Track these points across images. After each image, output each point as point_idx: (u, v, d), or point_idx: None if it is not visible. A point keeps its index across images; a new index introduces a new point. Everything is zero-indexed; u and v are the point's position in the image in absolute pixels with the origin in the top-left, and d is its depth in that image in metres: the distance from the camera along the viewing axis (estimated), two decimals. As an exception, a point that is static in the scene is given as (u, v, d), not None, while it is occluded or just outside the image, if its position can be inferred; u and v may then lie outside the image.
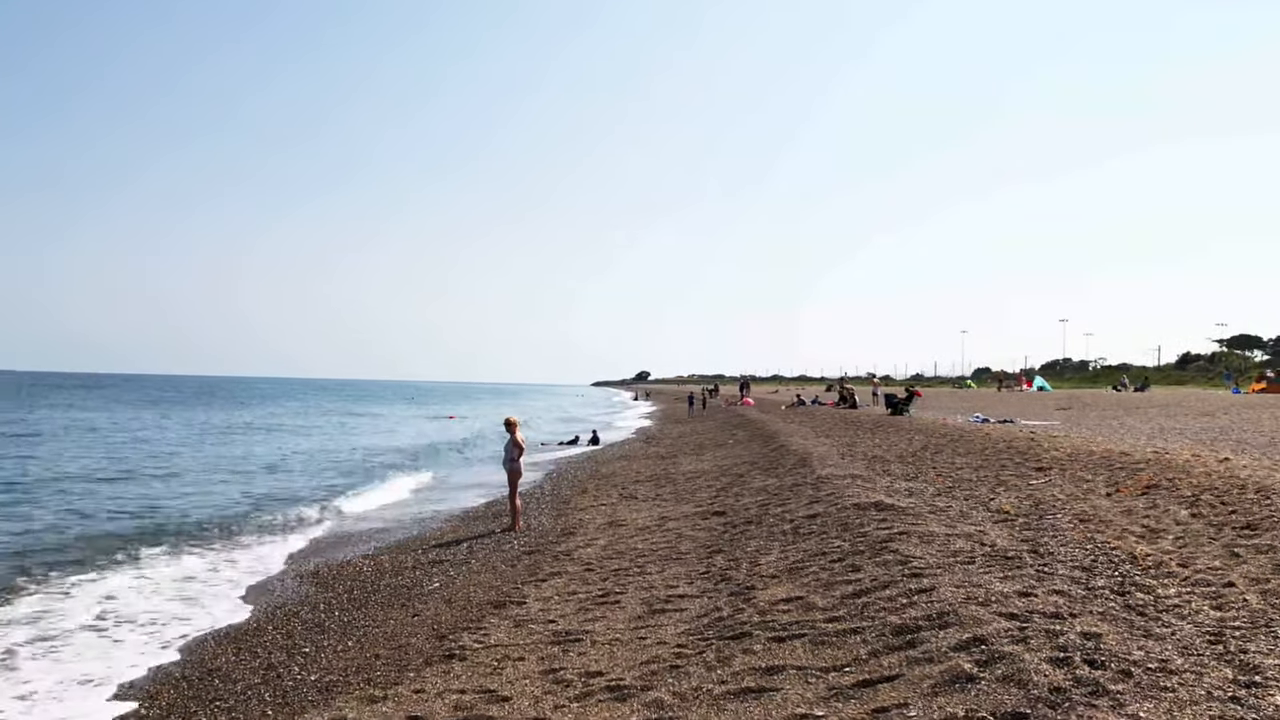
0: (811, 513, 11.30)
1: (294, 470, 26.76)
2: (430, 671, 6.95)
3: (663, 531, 12.54)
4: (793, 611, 6.93)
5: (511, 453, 15.10)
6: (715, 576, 8.99)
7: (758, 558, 9.41)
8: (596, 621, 7.87)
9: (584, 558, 11.28)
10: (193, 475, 24.51)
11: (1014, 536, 8.54)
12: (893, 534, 8.85)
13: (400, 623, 8.86)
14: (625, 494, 18.12)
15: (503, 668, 6.81)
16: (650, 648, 6.79)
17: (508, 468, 15.06)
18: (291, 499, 20.06)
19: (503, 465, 15.26)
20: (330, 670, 7.46)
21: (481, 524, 15.75)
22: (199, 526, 15.94)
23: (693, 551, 10.63)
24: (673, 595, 8.45)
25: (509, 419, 15.76)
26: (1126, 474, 11.79)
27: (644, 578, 9.50)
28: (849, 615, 6.49)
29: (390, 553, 13.28)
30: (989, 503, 11.04)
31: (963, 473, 14.33)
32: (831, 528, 10.01)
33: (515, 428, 15.43)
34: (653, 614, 7.87)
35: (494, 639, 7.73)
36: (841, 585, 7.36)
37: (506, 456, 15.14)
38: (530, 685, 6.28)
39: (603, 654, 6.84)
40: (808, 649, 5.96)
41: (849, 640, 5.94)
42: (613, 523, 14.19)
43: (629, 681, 6.00)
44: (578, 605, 8.62)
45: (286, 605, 10.12)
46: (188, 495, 20.26)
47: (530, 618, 8.37)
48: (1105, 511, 9.55)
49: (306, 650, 8.15)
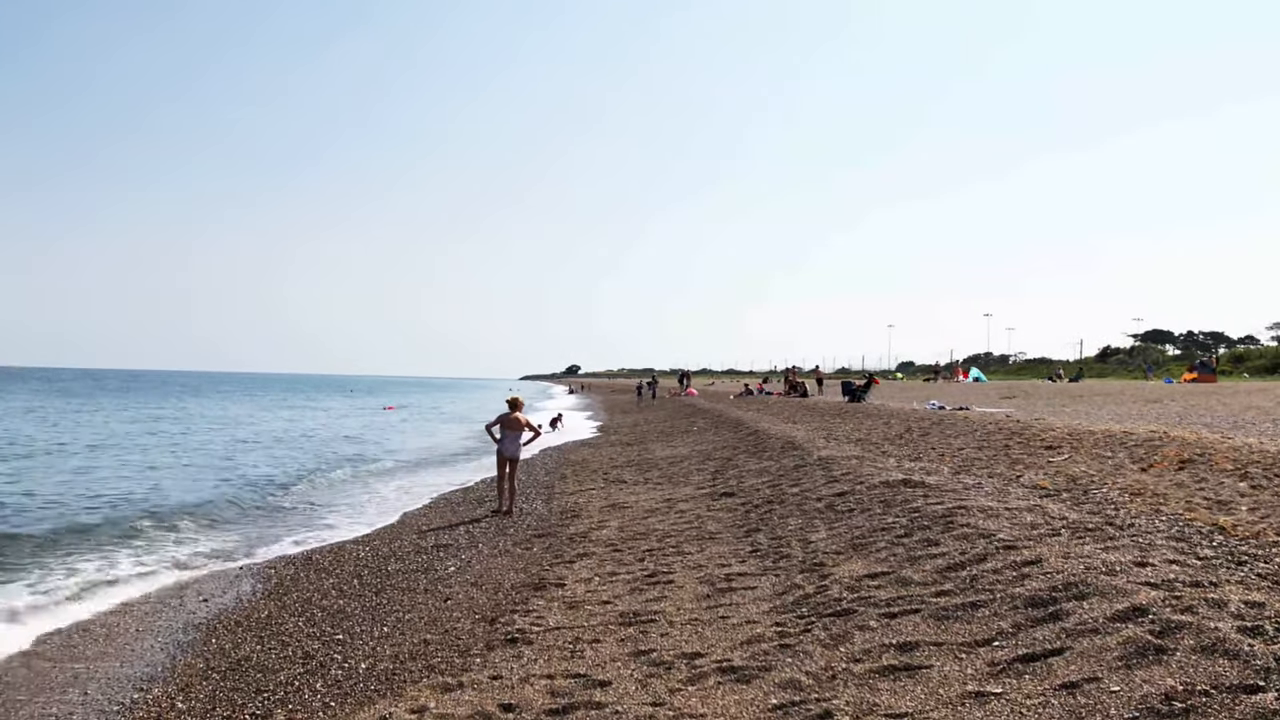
0: (838, 491, 10.94)
1: (254, 459, 25.62)
2: (497, 657, 6.38)
3: (675, 513, 12.07)
4: (887, 587, 6.53)
5: (519, 437, 14.27)
6: (768, 554, 8.55)
7: (805, 535, 9.01)
8: (659, 602, 7.36)
9: (603, 539, 10.74)
10: (152, 466, 23.27)
11: (1078, 510, 8.27)
12: (949, 509, 8.52)
13: (434, 607, 8.23)
14: (610, 479, 17.60)
15: (580, 651, 6.27)
16: (741, 627, 6.32)
17: (510, 452, 14.20)
18: (258, 486, 19.09)
19: (501, 449, 14.24)
20: (378, 657, 6.81)
21: (465, 509, 15.06)
22: (170, 515, 14.97)
23: (725, 531, 10.18)
24: (731, 574, 7.99)
25: (514, 399, 14.84)
26: (1146, 451, 11.68)
27: (685, 557, 9.02)
28: (958, 589, 6.10)
29: (382, 538, 12.56)
30: (1016, 479, 10.81)
31: (965, 452, 14.13)
32: (872, 505, 9.65)
33: (520, 408, 14.65)
34: (720, 593, 7.40)
35: (552, 621, 7.17)
36: (926, 560, 6.99)
37: (509, 439, 14.24)
38: (624, 668, 5.76)
39: (689, 634, 6.34)
40: (932, 624, 5.55)
41: (976, 614, 5.55)
42: (614, 505, 13.66)
43: (740, 662, 5.52)
44: (627, 586, 8.10)
45: (295, 592, 9.39)
46: (151, 484, 19.15)
47: (579, 599, 7.82)
48: (1152, 486, 9.36)
49: (340, 638, 7.48)
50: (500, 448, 14.27)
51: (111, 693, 6.56)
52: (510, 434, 14.32)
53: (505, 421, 14.40)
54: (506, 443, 14.26)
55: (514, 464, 14.25)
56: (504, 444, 14.27)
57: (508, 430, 14.35)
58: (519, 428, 14.37)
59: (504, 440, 14.30)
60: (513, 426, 14.36)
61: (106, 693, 6.57)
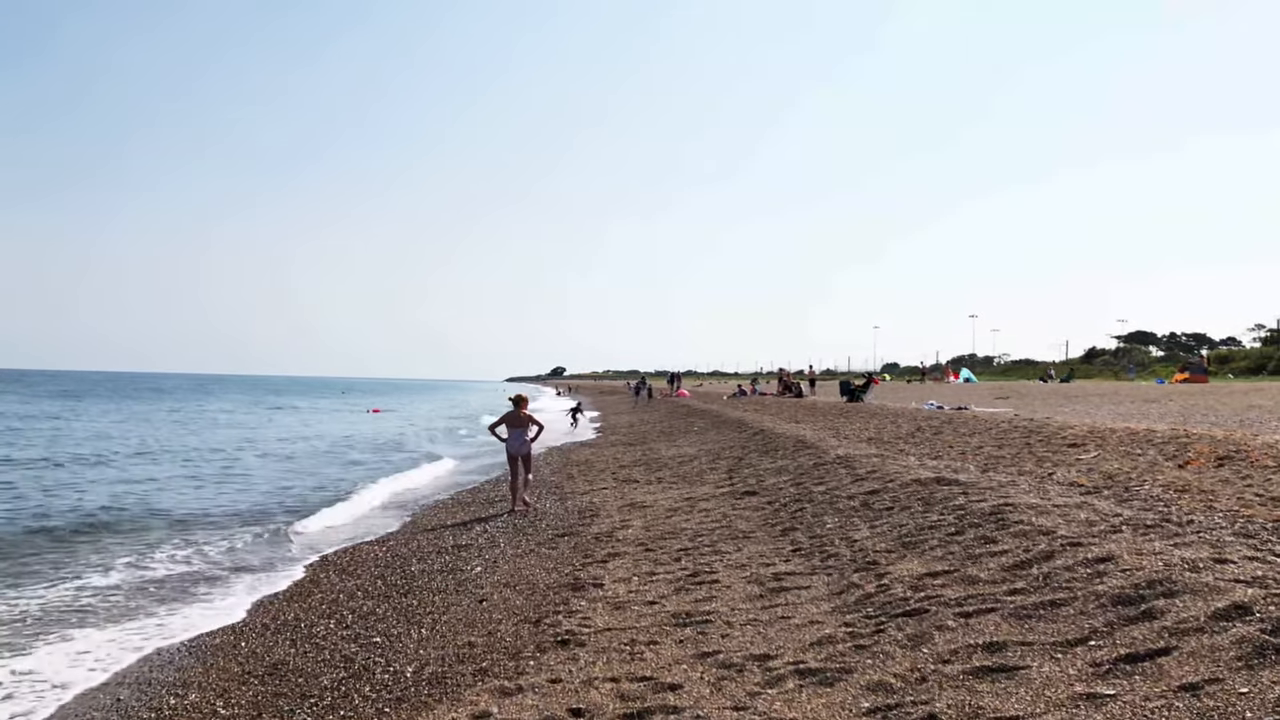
0: (868, 490, 10.74)
1: (250, 464, 25.26)
2: (551, 659, 6.13)
3: (699, 512, 11.85)
4: (954, 586, 6.32)
5: (524, 434, 14.19)
6: (812, 553, 8.34)
7: (847, 534, 8.80)
8: (709, 602, 7.13)
9: (631, 539, 10.51)
10: (139, 468, 22.90)
11: (1128, 507, 8.09)
12: (995, 506, 8.32)
13: (469, 608, 7.96)
14: (621, 479, 17.37)
15: (639, 652, 6.03)
16: (805, 628, 6.10)
17: (516, 449, 14.07)
18: (261, 490, 18.76)
19: (509, 448, 14.15)
20: (423, 660, 6.55)
21: (475, 509, 14.79)
22: (178, 520, 14.65)
23: (759, 530, 9.96)
24: (778, 573, 7.77)
25: (519, 396, 14.93)
26: (1176, 449, 11.54)
27: (723, 557, 8.79)
28: (1031, 587, 5.89)
29: (398, 540, 12.27)
30: (1049, 477, 10.65)
31: (986, 450, 13.98)
32: (910, 502, 9.45)
33: (525, 405, 14.67)
34: (772, 593, 7.18)
35: (599, 622, 6.93)
36: (988, 558, 6.78)
37: (516, 439, 14.14)
38: (691, 670, 5.53)
39: (751, 635, 6.11)
40: (1014, 624, 5.34)
41: (1059, 613, 5.33)
42: (632, 505, 13.43)
43: (815, 664, 5.29)
44: (671, 586, 7.87)
45: (318, 593, 9.10)
46: (144, 490, 18.81)
47: (623, 599, 7.58)
48: (1196, 483, 9.20)
49: (377, 641, 7.20)
50: (507, 446, 14.23)
51: (145, 697, 6.28)
52: (515, 431, 14.24)
53: (510, 419, 14.35)
54: (513, 440, 14.19)
55: (525, 461, 14.20)
56: (510, 442, 14.21)
57: (513, 428, 14.28)
58: (523, 424, 14.30)
59: (510, 438, 14.23)
60: (517, 424, 14.29)
61: (140, 697, 6.29)
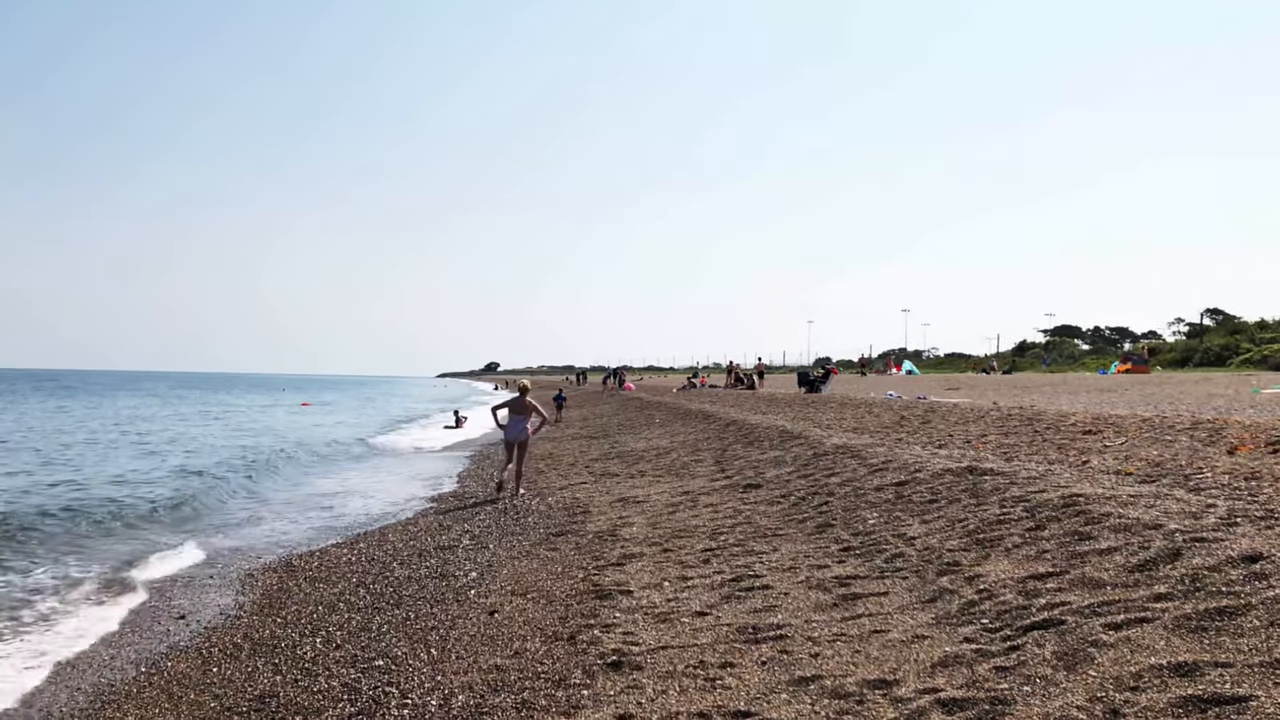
0: (894, 481, 9.86)
1: (199, 456, 23.60)
2: (609, 687, 5.07)
3: (704, 508, 10.86)
4: (1074, 591, 5.40)
5: (525, 422, 14.16)
6: (866, 553, 7.39)
7: (898, 530, 7.88)
8: (772, 613, 6.14)
9: (640, 538, 9.47)
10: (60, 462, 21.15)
11: (1213, 496, 7.30)
12: (1065, 497, 7.46)
13: (480, 622, 6.84)
14: (596, 472, 16.32)
15: (717, 677, 5.00)
16: (913, 645, 5.14)
17: (519, 437, 14.13)
18: (206, 484, 17.28)
19: (508, 435, 14.21)
20: (447, 690, 5.42)
21: (443, 505, 13.63)
22: (96, 518, 13.20)
23: (786, 527, 9.01)
24: (839, 577, 6.81)
25: (523, 384, 14.94)
26: (1207, 434, 10.89)
27: (760, 558, 7.82)
28: (1181, 593, 4.98)
29: (369, 541, 11.05)
30: (1085, 464, 9.91)
31: (992, 438, 13.25)
32: (956, 494, 8.58)
33: (528, 393, 14.59)
34: (845, 601, 6.21)
35: (649, 638, 5.89)
36: (1097, 557, 5.89)
37: (516, 426, 14.11)
38: (796, 703, 4.52)
39: (847, 654, 5.13)
40: (1190, 639, 4.40)
41: (1240, 624, 4.42)
42: (623, 500, 12.38)
43: (958, 693, 4.32)
44: (714, 593, 6.86)
45: (293, 605, 7.88)
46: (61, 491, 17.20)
47: (665, 610, 6.55)
48: (1256, 470, 8.48)
49: (380, 664, 6.05)
50: (506, 433, 14.25)
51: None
52: (517, 419, 14.25)
53: (513, 406, 14.35)
54: (513, 427, 14.21)
55: (522, 448, 14.24)
56: (510, 429, 14.22)
57: (515, 415, 14.26)
58: (525, 413, 14.31)
59: (510, 425, 14.24)
60: (519, 411, 14.31)
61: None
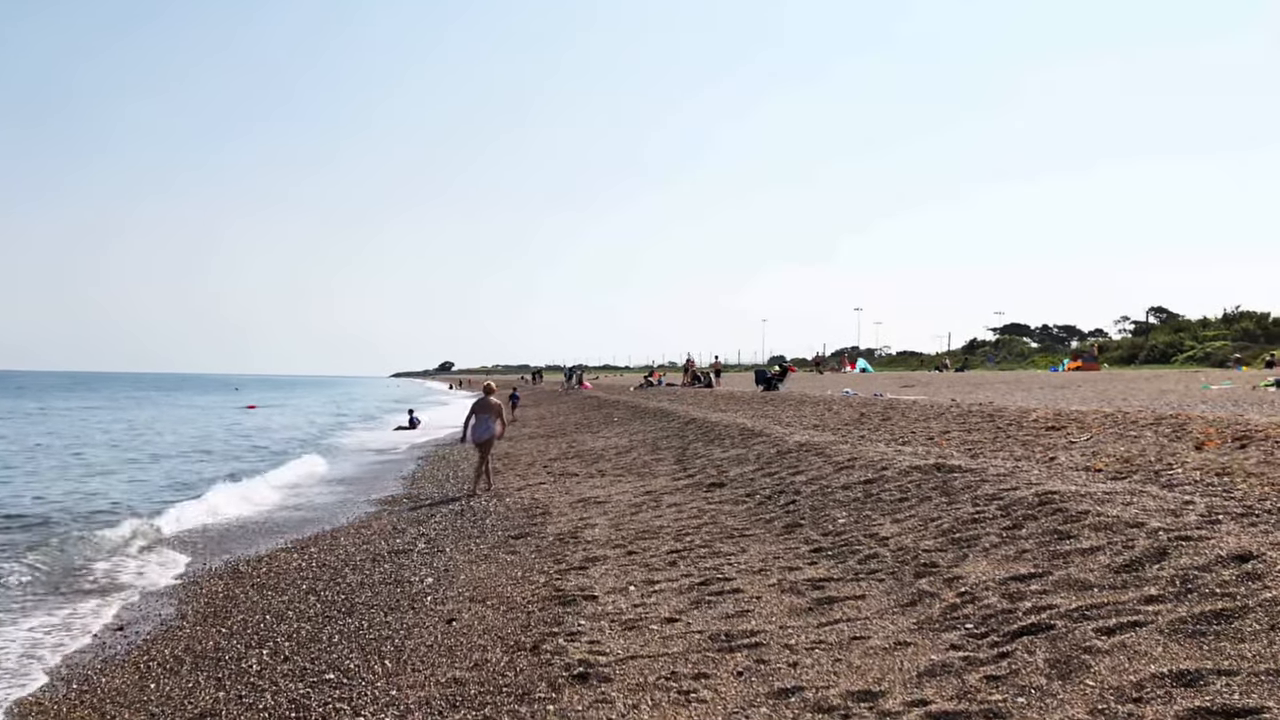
0: (862, 479, 9.66)
1: (127, 462, 22.81)
2: (576, 702, 4.76)
3: (668, 507, 10.59)
4: (1060, 593, 5.19)
5: (491, 423, 14.32)
6: (839, 554, 7.16)
7: (870, 530, 7.66)
8: (744, 619, 5.87)
9: (601, 539, 9.17)
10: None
11: (1188, 493, 7.17)
12: (1039, 494, 7.28)
13: (439, 631, 6.48)
14: (555, 472, 15.99)
15: (691, 690, 4.72)
16: (896, 652, 4.89)
17: (484, 437, 14.27)
18: (142, 491, 16.65)
19: (472, 435, 14.37)
20: (403, 707, 5.05)
21: (398, 508, 13.22)
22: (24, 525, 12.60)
23: (753, 527, 8.76)
24: (812, 580, 6.56)
25: (488, 384, 15.28)
26: (1171, 430, 10.83)
27: (728, 560, 7.55)
28: (1172, 595, 4.78)
29: (319, 545, 10.62)
30: (1053, 461, 9.78)
31: (954, 434, 13.13)
32: (928, 493, 8.38)
33: (494, 393, 14.86)
34: (820, 605, 5.96)
35: (616, 647, 5.58)
36: (1080, 557, 5.69)
37: (482, 426, 14.26)
38: (774, 715, 4.25)
39: (828, 663, 4.87)
40: (1189, 644, 4.20)
41: (1240, 629, 4.23)
42: (584, 501, 12.07)
43: (947, 705, 4.08)
44: (683, 597, 6.57)
45: (238, 614, 7.45)
46: None
47: (632, 616, 6.25)
48: (1226, 466, 8.40)
49: (331, 678, 5.67)
50: (474, 434, 14.32)
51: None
52: (484, 418, 14.35)
53: (479, 406, 14.49)
54: (479, 428, 14.32)
55: (489, 447, 14.39)
56: (477, 429, 14.31)
57: (482, 414, 14.37)
58: (491, 411, 14.43)
59: (477, 426, 14.33)
60: (486, 411, 14.42)
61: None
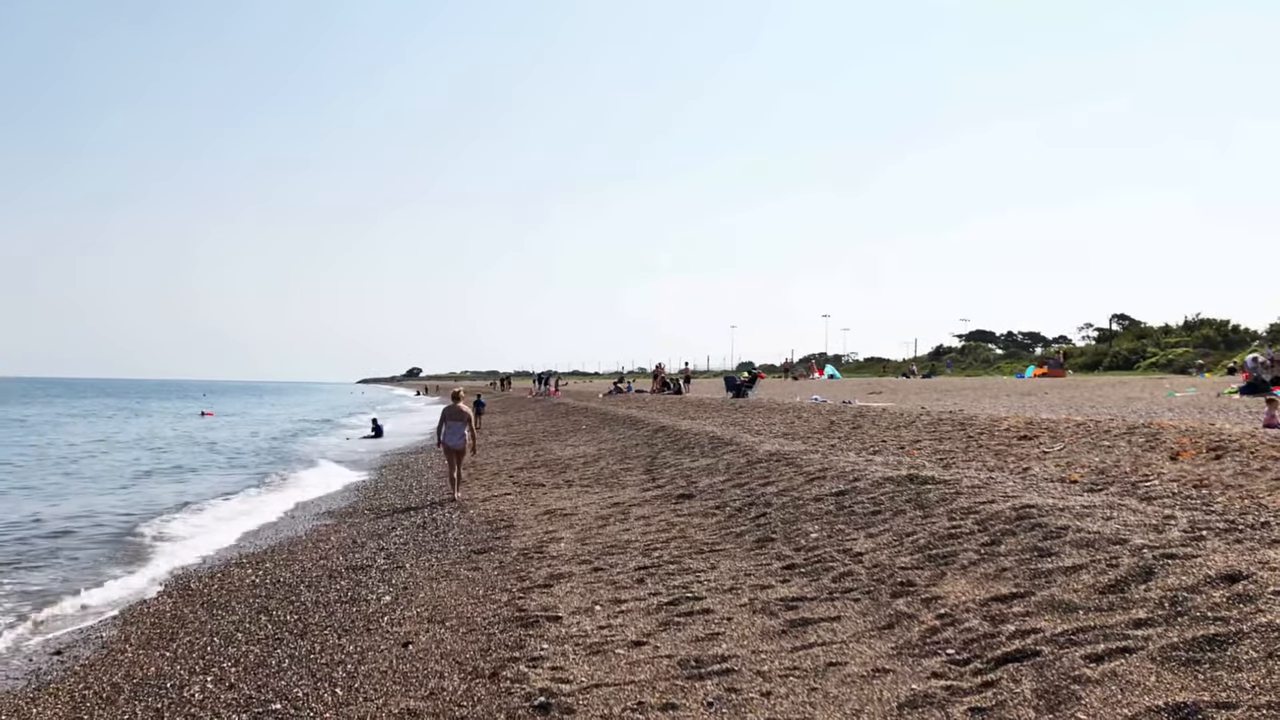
0: (834, 491, 9.44)
1: (82, 475, 22.21)
2: (537, 737, 4.48)
3: (636, 520, 10.31)
4: (1044, 615, 4.97)
5: (462, 429, 14.33)
6: (812, 571, 6.92)
7: (843, 545, 7.43)
8: (716, 642, 5.60)
9: (567, 554, 8.87)
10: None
11: (1167, 506, 7.00)
12: (1017, 508, 7.09)
13: (394, 655, 6.16)
14: (521, 482, 15.66)
15: (660, 725, 4.45)
16: (874, 680, 4.65)
17: (457, 444, 14.27)
18: (104, 503, 16.13)
19: (446, 441, 14.36)
20: (350, 743, 4.77)
21: (358, 520, 12.84)
22: None
23: (724, 542, 8.50)
24: (784, 599, 6.31)
25: (456, 391, 15.34)
26: (1145, 439, 10.72)
27: (698, 577, 7.28)
28: (1162, 618, 4.57)
29: (273, 559, 10.25)
30: (1026, 471, 9.62)
31: (925, 444, 12.97)
32: (901, 505, 8.17)
33: (461, 399, 14.85)
34: (794, 627, 5.71)
35: (580, 674, 5.30)
36: (1063, 576, 5.49)
37: (453, 432, 14.31)
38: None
39: (804, 692, 4.61)
40: (1183, 674, 3.98)
41: (1237, 656, 4.02)
42: (550, 513, 11.76)
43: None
44: (651, 619, 6.30)
45: (185, 635, 7.07)
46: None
47: (597, 640, 5.96)
48: (1203, 477, 8.26)
49: (278, 708, 5.32)
50: (444, 440, 14.35)
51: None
52: (454, 425, 14.33)
53: (448, 413, 14.49)
54: (450, 434, 14.30)
55: (460, 455, 14.34)
56: (448, 436, 14.30)
57: (450, 421, 14.36)
58: (461, 418, 14.41)
59: (447, 433, 14.32)
60: (456, 418, 14.41)
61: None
